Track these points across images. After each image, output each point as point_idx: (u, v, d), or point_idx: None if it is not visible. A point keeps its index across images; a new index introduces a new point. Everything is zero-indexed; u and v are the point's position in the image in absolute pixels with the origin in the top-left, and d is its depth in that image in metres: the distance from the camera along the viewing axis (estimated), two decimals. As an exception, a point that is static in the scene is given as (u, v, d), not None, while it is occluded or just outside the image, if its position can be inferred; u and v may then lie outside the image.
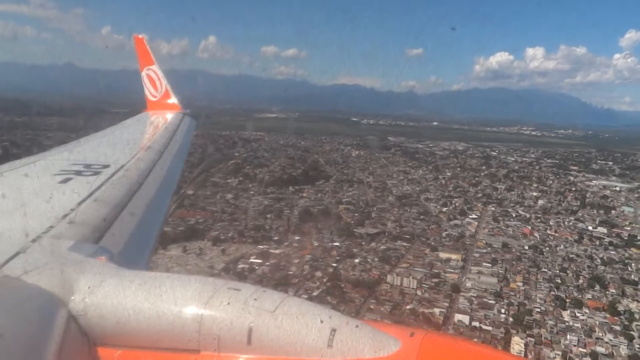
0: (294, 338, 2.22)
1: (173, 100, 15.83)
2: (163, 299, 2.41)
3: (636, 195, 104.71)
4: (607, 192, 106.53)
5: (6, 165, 6.38)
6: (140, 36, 16.10)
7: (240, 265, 54.45)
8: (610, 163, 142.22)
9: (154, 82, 15.77)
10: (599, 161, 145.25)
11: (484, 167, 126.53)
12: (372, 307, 49.49)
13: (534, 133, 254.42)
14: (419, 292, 54.01)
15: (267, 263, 55.64)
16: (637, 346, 46.10)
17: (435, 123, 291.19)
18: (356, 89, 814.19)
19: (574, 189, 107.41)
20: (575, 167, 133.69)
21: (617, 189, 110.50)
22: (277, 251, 59.72)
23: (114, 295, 2.46)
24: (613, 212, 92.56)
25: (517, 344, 43.74)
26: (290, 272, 54.45)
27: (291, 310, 2.30)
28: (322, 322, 2.26)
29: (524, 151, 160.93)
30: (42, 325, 2.31)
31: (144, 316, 2.38)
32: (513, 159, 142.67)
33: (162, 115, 14.34)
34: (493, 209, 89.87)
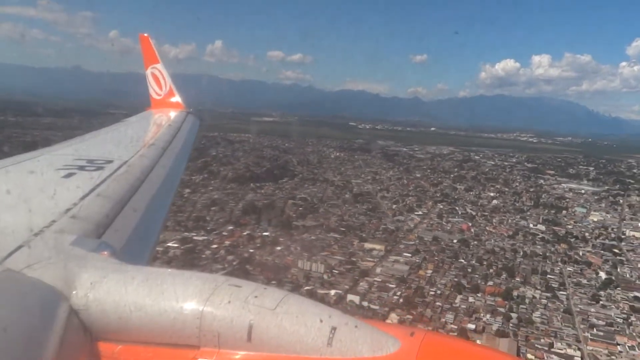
0: (294, 336, 2.24)
1: (177, 98, 16.14)
2: (165, 295, 2.43)
3: (595, 198, 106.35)
4: (570, 195, 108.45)
5: (10, 160, 6.43)
6: (145, 35, 16.40)
7: (156, 248, 58.47)
8: (591, 168, 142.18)
9: (159, 80, 16.03)
10: (579, 166, 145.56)
11: (455, 170, 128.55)
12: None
13: (531, 139, 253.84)
14: (325, 276, 57.48)
15: (182, 247, 59.13)
16: (511, 325, 49.17)
17: (432, 128, 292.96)
18: (361, 94, 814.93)
19: (533, 190, 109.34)
20: (551, 171, 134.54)
21: (582, 191, 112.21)
22: (200, 238, 63.47)
23: (116, 291, 2.49)
24: (564, 212, 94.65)
25: (391, 320, 46.93)
26: (203, 256, 58.38)
27: (291, 309, 2.32)
28: (322, 320, 2.28)
29: (509, 156, 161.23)
30: (44, 319, 2.31)
31: (145, 312, 2.41)
32: (492, 163, 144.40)
33: (166, 113, 14.53)
34: (442, 206, 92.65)
